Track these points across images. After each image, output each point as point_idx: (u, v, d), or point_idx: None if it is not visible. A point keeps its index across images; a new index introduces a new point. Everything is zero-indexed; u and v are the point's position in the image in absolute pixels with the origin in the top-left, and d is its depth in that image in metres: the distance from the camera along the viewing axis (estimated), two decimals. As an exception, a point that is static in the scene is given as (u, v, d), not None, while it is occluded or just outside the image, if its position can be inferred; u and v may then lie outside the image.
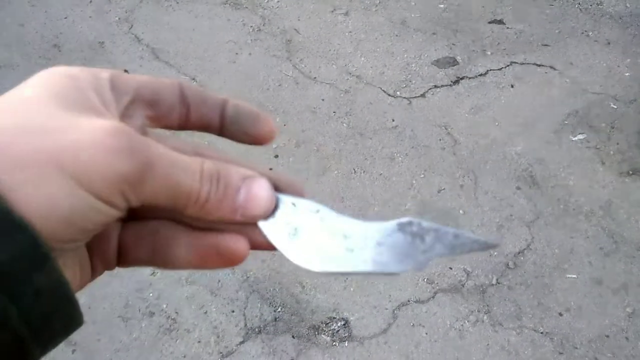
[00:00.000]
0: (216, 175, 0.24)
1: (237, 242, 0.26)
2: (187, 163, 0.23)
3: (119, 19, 2.06)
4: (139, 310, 1.37)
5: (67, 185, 0.21)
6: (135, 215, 0.26)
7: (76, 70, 0.24)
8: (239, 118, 0.27)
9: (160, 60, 1.94)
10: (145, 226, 0.26)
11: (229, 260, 0.26)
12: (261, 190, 0.25)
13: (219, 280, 1.43)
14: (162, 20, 2.07)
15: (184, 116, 0.27)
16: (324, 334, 1.34)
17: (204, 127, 0.27)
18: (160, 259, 0.26)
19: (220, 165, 0.25)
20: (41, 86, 0.23)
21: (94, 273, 0.27)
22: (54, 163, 0.20)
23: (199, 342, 1.33)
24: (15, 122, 0.21)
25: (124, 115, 0.25)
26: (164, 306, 1.38)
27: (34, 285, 0.20)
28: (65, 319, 0.22)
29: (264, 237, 0.26)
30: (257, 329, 1.35)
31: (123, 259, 0.27)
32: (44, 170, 0.20)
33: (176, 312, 1.37)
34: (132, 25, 2.04)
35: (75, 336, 1.33)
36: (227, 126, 0.27)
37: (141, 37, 2.01)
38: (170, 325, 1.35)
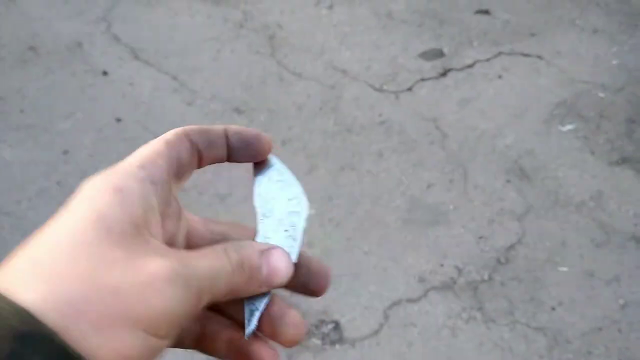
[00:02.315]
0: (241, 262, 0.27)
1: (268, 352, 0.29)
2: (220, 268, 0.26)
3: (97, 18, 2.01)
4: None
5: (138, 338, 0.23)
6: None
7: (117, 179, 0.26)
8: (243, 144, 0.30)
9: (139, 59, 1.89)
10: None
11: None
12: (279, 261, 0.28)
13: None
14: (141, 19, 2.02)
15: (198, 163, 0.30)
16: (314, 337, 1.32)
17: (214, 163, 0.31)
18: (203, 349, 0.30)
19: (240, 250, 0.27)
20: (91, 218, 0.24)
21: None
22: (126, 322, 0.22)
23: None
24: (82, 279, 0.22)
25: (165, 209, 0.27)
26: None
27: None
28: None
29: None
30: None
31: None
32: (118, 330, 0.22)
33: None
34: (110, 25, 1.99)
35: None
36: (233, 154, 0.30)
37: (120, 37, 1.96)
38: (156, 334, 1.32)
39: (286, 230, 0.30)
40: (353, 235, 1.49)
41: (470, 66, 1.90)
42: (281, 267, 0.28)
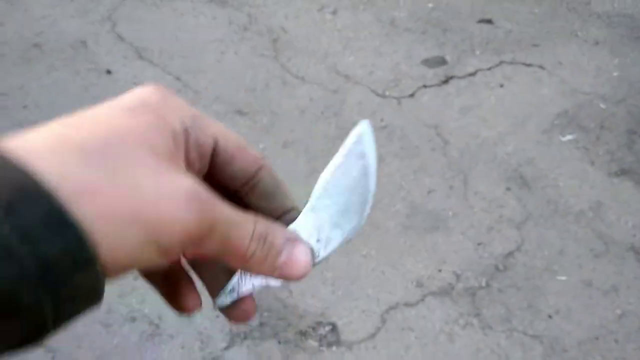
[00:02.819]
0: (264, 235, 0.26)
1: (194, 301, 0.29)
2: (243, 223, 0.25)
3: (102, 17, 2.02)
4: (121, 316, 1.33)
5: (137, 237, 0.22)
6: None
7: (166, 107, 0.25)
8: (227, 159, 0.29)
9: (143, 59, 1.90)
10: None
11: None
12: (301, 255, 0.27)
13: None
14: (146, 19, 2.03)
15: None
16: (311, 339, 1.32)
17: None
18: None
19: (269, 227, 0.27)
20: (132, 119, 0.24)
21: None
22: (133, 218, 0.22)
23: (183, 347, 1.29)
24: (107, 165, 0.22)
25: (189, 161, 0.26)
26: (147, 311, 1.34)
27: (73, 284, 0.21)
28: (87, 307, 0.23)
29: None
30: (242, 334, 1.32)
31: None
32: (121, 224, 0.22)
33: (159, 318, 1.33)
34: (115, 24, 2.00)
35: (55, 342, 1.29)
36: (213, 170, 0.29)
37: (124, 36, 1.97)
38: (153, 331, 1.31)
39: (318, 241, 0.28)
40: (352, 239, 1.49)
41: (472, 74, 1.91)
42: (301, 261, 0.27)
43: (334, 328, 1.33)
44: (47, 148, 0.22)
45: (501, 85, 1.88)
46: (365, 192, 0.29)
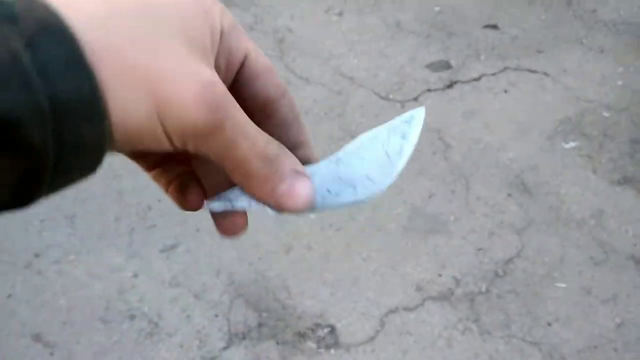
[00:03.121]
0: (274, 157, 0.25)
1: (198, 198, 0.28)
2: (255, 137, 0.25)
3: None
4: (120, 313, 1.33)
5: (147, 104, 0.22)
6: None
7: (212, 2, 0.25)
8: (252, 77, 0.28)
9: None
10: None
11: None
12: (303, 189, 0.26)
13: (203, 284, 1.40)
14: (152, 16, 2.03)
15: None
16: (309, 340, 1.31)
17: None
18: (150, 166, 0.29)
19: (281, 150, 0.26)
20: (176, 5, 0.24)
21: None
22: (148, 83, 0.22)
23: (181, 346, 1.29)
24: (135, 32, 0.22)
25: (216, 66, 0.25)
26: (146, 309, 1.34)
27: (79, 133, 0.20)
28: (86, 168, 0.22)
29: None
30: (241, 335, 1.32)
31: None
32: (137, 84, 0.21)
33: (158, 316, 1.33)
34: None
35: (54, 338, 1.29)
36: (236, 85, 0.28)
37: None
38: (151, 329, 1.31)
39: (329, 191, 0.27)
40: (353, 241, 1.49)
41: (477, 79, 1.91)
42: (302, 195, 0.26)
43: (332, 330, 1.33)
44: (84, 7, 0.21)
45: (505, 91, 1.88)
46: (392, 170, 0.29)
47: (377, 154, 0.29)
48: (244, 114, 0.24)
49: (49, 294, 1.37)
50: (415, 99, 1.84)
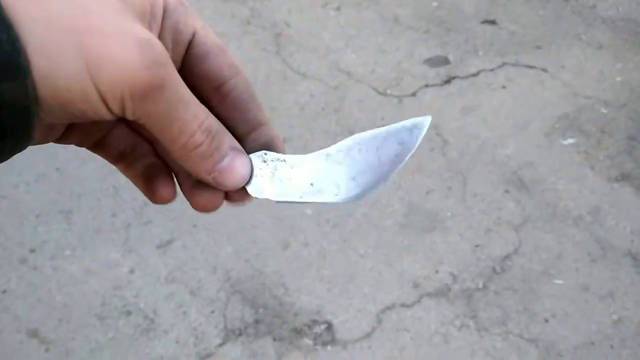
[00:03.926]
0: (214, 132, 0.25)
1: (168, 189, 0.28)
2: (196, 107, 0.24)
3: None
4: (116, 309, 1.33)
5: (76, 61, 0.20)
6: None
7: None
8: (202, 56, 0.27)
9: (145, 50, 1.89)
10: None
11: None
12: (241, 166, 0.26)
13: (200, 280, 1.39)
14: (149, 10, 2.02)
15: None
16: (306, 337, 1.31)
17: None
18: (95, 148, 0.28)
19: (221, 128, 0.25)
20: None
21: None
22: (77, 37, 0.20)
23: (177, 343, 1.29)
24: (71, 21, 0.21)
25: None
26: (142, 305, 1.34)
27: (2, 95, 0.19)
28: (17, 135, 0.21)
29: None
30: (237, 331, 1.32)
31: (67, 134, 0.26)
32: (64, 37, 0.20)
33: (154, 312, 1.33)
34: (117, 14, 1.99)
35: (50, 334, 1.29)
36: (185, 66, 0.27)
37: (126, 26, 1.95)
38: (147, 325, 1.31)
39: (312, 185, 0.27)
40: (349, 237, 1.48)
41: (475, 75, 1.90)
42: (240, 171, 0.26)
43: (329, 327, 1.33)
44: None
45: (503, 87, 1.88)
46: (380, 177, 0.28)
47: (370, 156, 0.27)
48: (185, 85, 0.23)
49: (44, 290, 1.36)
50: (413, 94, 1.84)
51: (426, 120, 0.28)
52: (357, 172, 0.27)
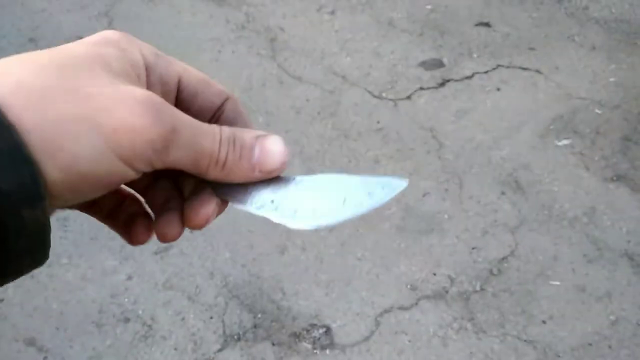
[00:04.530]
0: (232, 137, 0.26)
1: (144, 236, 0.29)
2: (208, 129, 0.25)
3: (99, 13, 2.01)
4: (114, 316, 1.32)
5: (95, 144, 0.22)
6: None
7: (127, 43, 0.26)
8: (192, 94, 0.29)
9: (140, 56, 1.89)
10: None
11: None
12: (274, 145, 0.27)
13: (197, 286, 1.39)
14: (143, 16, 2.01)
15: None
16: (305, 341, 1.31)
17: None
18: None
19: (235, 130, 0.27)
20: (93, 47, 0.25)
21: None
22: (88, 123, 0.22)
23: (176, 349, 1.29)
24: (60, 82, 0.22)
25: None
26: (140, 312, 1.33)
27: (23, 220, 0.21)
28: (33, 259, 0.23)
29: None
30: (236, 336, 1.31)
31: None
32: (76, 128, 0.22)
33: (152, 319, 1.32)
34: (112, 20, 1.99)
35: (47, 342, 1.28)
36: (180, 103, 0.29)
37: (121, 33, 1.95)
38: (145, 332, 1.30)
39: (272, 202, 0.28)
40: (347, 241, 1.49)
41: (469, 77, 1.91)
42: (276, 150, 0.27)
43: (327, 331, 1.33)
44: (6, 71, 0.22)
45: (498, 89, 1.88)
46: (337, 216, 0.29)
47: (336, 196, 0.29)
48: (189, 117, 0.25)
49: (41, 298, 1.35)
50: (409, 97, 1.84)
51: (402, 183, 0.29)
52: (318, 205, 0.28)
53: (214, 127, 0.26)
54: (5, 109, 0.21)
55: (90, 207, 0.29)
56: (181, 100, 0.28)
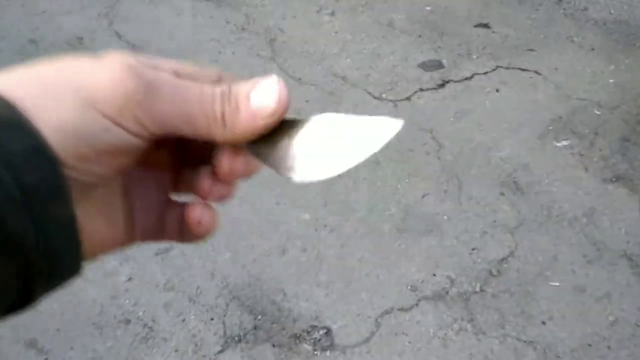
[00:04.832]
0: (227, 91, 0.25)
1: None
2: (192, 85, 0.25)
3: (99, 14, 2.01)
4: (114, 318, 1.32)
5: (79, 105, 0.23)
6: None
7: (140, 68, 0.25)
8: None
9: (140, 58, 1.89)
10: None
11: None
12: (270, 84, 0.25)
13: (198, 287, 1.39)
14: (144, 17, 2.02)
15: None
16: (305, 342, 1.31)
17: None
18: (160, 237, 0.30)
19: (233, 84, 0.26)
20: (99, 64, 0.25)
21: (130, 238, 0.29)
22: (71, 88, 0.23)
23: (176, 351, 1.29)
24: (49, 72, 0.24)
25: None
26: (140, 313, 1.33)
27: (48, 211, 0.22)
28: (69, 250, 0.23)
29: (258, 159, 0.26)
30: (236, 338, 1.32)
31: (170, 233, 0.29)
32: (61, 94, 0.23)
33: (153, 320, 1.33)
34: (112, 21, 1.99)
35: (48, 344, 1.28)
36: None
37: (122, 34, 1.95)
38: (146, 334, 1.31)
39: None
40: (347, 242, 1.49)
41: (469, 78, 1.91)
42: (273, 87, 0.25)
43: (328, 332, 1.33)
44: (23, 84, 0.23)
45: (497, 90, 1.89)
46: (347, 163, 0.27)
47: (341, 143, 0.27)
48: (172, 78, 0.25)
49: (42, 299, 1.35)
50: (408, 98, 1.85)
51: (399, 123, 0.26)
52: (327, 155, 0.27)
53: (202, 85, 0.25)
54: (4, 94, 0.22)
55: (159, 232, 0.29)
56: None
